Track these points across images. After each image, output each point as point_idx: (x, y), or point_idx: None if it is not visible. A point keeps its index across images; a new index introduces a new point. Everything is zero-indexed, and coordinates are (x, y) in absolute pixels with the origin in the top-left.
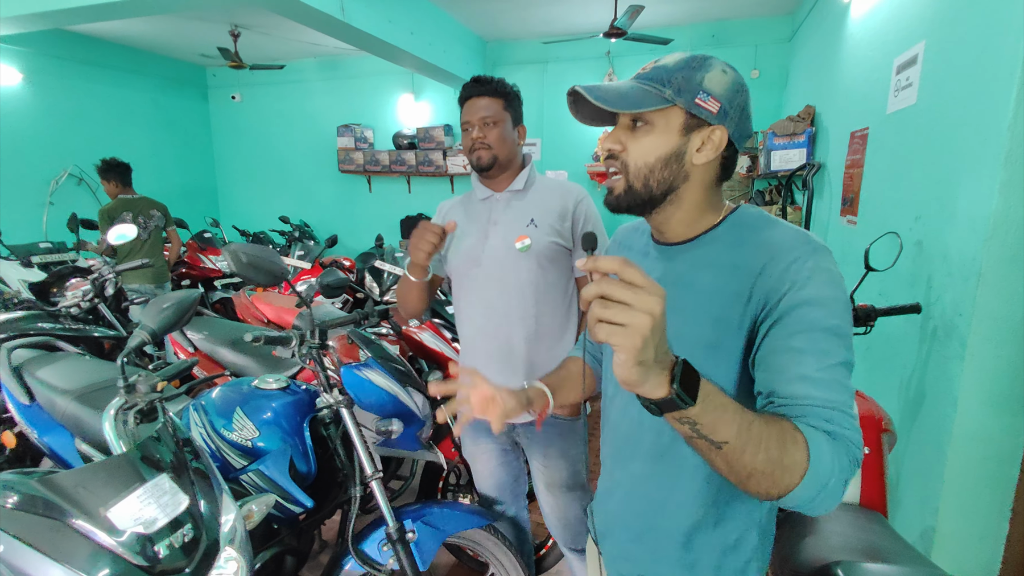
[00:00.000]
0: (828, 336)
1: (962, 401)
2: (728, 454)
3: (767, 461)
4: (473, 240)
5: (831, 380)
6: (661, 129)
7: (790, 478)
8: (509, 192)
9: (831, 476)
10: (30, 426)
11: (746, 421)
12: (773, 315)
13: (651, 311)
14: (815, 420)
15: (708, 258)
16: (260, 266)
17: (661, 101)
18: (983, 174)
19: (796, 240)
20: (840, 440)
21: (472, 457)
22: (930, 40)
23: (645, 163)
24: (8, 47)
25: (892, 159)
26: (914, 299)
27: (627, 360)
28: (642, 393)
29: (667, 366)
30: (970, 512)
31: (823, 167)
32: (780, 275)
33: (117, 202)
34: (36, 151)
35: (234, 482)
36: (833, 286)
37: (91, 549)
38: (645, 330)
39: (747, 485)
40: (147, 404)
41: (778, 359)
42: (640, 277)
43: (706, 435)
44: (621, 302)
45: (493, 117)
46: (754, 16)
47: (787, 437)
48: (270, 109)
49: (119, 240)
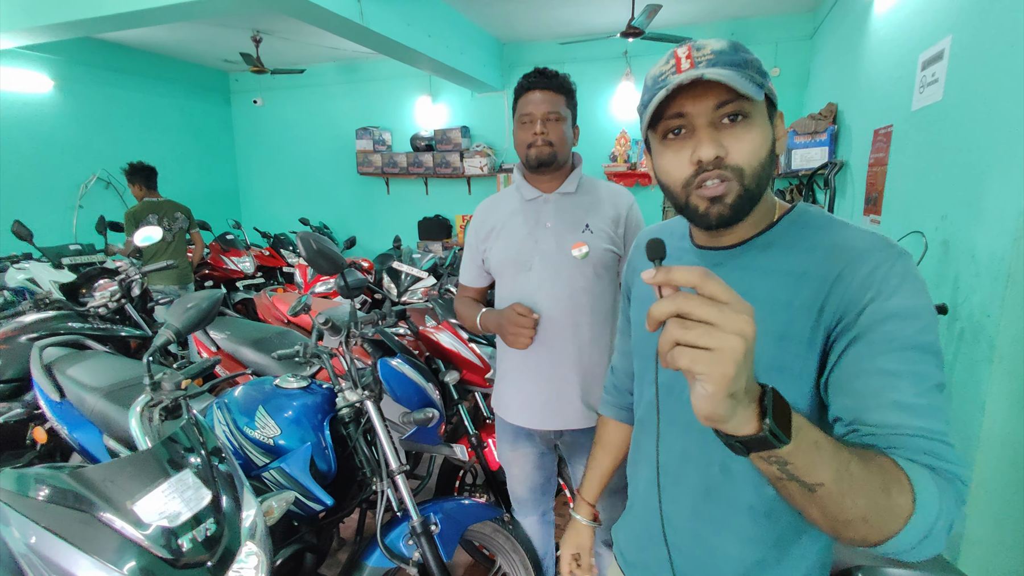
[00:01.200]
0: (923, 355)
1: (990, 405)
2: (824, 498)
3: (869, 506)
4: (521, 242)
5: (929, 406)
6: (760, 121)
7: (893, 524)
8: (559, 194)
9: (938, 519)
10: (60, 422)
11: (845, 462)
12: (853, 330)
13: (742, 332)
14: (913, 453)
15: (765, 264)
16: (327, 254)
17: (758, 89)
18: (1012, 172)
19: (877, 243)
20: (946, 478)
21: (508, 462)
22: (957, 35)
23: (760, 162)
24: (39, 55)
25: (917, 157)
26: (940, 300)
27: (716, 392)
28: (727, 430)
29: (755, 397)
30: (998, 518)
31: (846, 165)
32: (861, 283)
33: (143, 205)
34: (66, 156)
35: (256, 479)
36: (923, 295)
37: (118, 541)
38: (738, 355)
39: (841, 532)
40: (172, 401)
41: (865, 382)
42: (724, 291)
43: (798, 476)
44: (705, 321)
45: (557, 113)
46: (774, 13)
47: (890, 478)
48: (290, 113)
49: (145, 242)
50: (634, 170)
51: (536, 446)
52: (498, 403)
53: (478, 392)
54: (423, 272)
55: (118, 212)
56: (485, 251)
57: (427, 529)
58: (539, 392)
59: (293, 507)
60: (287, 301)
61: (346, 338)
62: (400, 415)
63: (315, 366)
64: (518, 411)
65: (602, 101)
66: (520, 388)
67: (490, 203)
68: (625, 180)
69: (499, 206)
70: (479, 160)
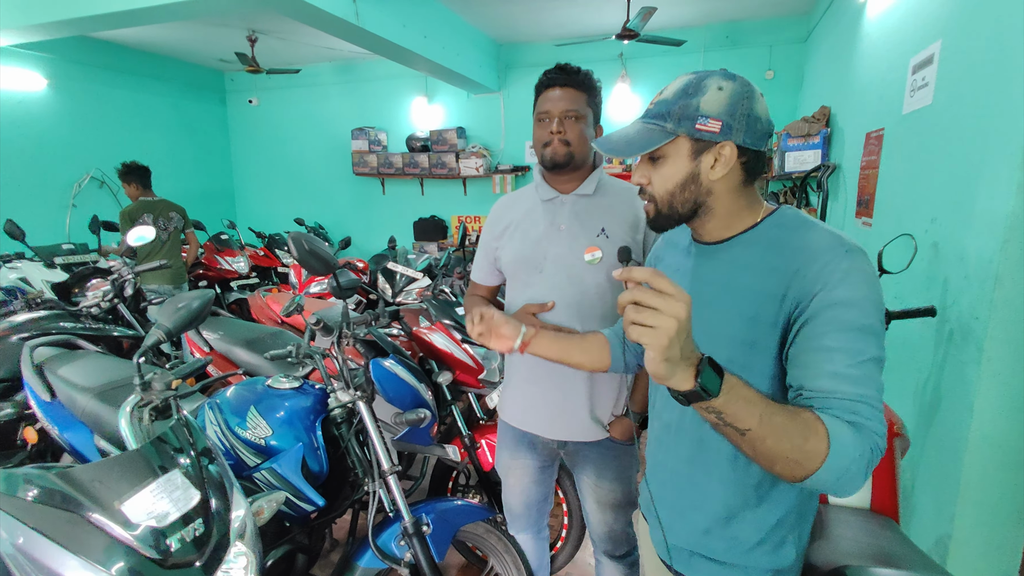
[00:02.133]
0: (860, 334)
1: (978, 406)
2: (752, 440)
3: (790, 448)
4: (534, 243)
5: (859, 376)
6: (673, 159)
7: (811, 463)
8: (576, 195)
9: (851, 462)
10: (51, 422)
11: (768, 412)
12: (806, 314)
13: (677, 315)
14: (841, 412)
15: (746, 259)
16: (318, 255)
17: (665, 136)
18: (1000, 175)
19: (830, 242)
20: (863, 430)
21: (506, 470)
22: (946, 40)
23: (667, 190)
24: (33, 53)
25: (908, 160)
26: (929, 302)
27: (655, 357)
28: (671, 386)
29: (693, 362)
30: (987, 520)
31: (838, 168)
32: (814, 276)
33: (138, 204)
34: (60, 155)
35: (247, 480)
36: (866, 286)
37: (106, 542)
38: (671, 331)
39: (773, 468)
40: (162, 401)
41: (809, 357)
42: (668, 285)
43: (730, 423)
44: (651, 307)
45: (577, 112)
46: (769, 16)
47: (808, 427)
48: (286, 113)
49: (138, 241)
50: (629, 171)
51: (537, 458)
52: (503, 406)
53: (471, 393)
54: (418, 273)
55: (112, 212)
56: (498, 249)
57: (419, 530)
58: (546, 398)
59: (284, 508)
60: (281, 301)
61: (338, 338)
62: (392, 415)
63: (308, 367)
64: (523, 415)
65: None
66: (526, 392)
67: (508, 200)
68: None
69: (516, 204)
70: (475, 161)
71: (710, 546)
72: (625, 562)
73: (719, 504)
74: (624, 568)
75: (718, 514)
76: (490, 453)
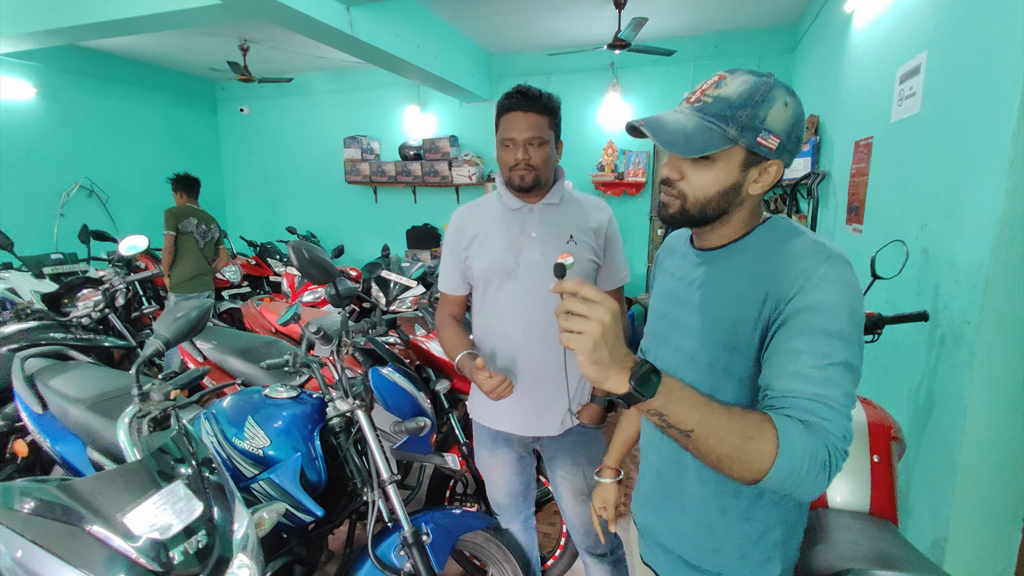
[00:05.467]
0: (828, 338)
1: (971, 409)
2: (696, 441)
3: (731, 447)
4: (504, 251)
5: (821, 377)
6: (722, 166)
7: (758, 463)
8: (544, 204)
9: (803, 463)
10: (43, 435)
11: (708, 412)
12: (781, 317)
13: (601, 319)
14: (796, 412)
15: (737, 265)
16: (318, 263)
17: (725, 142)
18: (988, 181)
19: (811, 249)
20: (815, 429)
21: (488, 468)
22: (932, 50)
23: (705, 196)
24: (22, 62)
25: (897, 168)
26: (921, 307)
27: (584, 361)
28: (608, 389)
29: (627, 365)
30: (982, 521)
31: (828, 176)
32: (791, 281)
33: (184, 207)
34: (48, 164)
35: (245, 491)
36: (841, 292)
37: (107, 554)
38: (596, 335)
39: (720, 469)
40: (161, 412)
41: (777, 358)
42: (594, 293)
43: (673, 424)
44: (579, 315)
45: (540, 137)
46: (757, 27)
47: (753, 427)
48: (278, 121)
49: (130, 251)
50: (621, 179)
51: (514, 450)
52: (474, 408)
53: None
54: (412, 281)
55: (100, 221)
56: (468, 259)
57: (418, 539)
58: (519, 400)
59: (283, 519)
60: (275, 310)
61: (337, 347)
62: (391, 424)
63: (304, 376)
64: (498, 417)
65: (589, 112)
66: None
67: (469, 210)
68: (612, 189)
69: (480, 213)
70: (467, 169)
71: (693, 553)
72: (608, 560)
73: (700, 510)
74: (608, 567)
75: (700, 521)
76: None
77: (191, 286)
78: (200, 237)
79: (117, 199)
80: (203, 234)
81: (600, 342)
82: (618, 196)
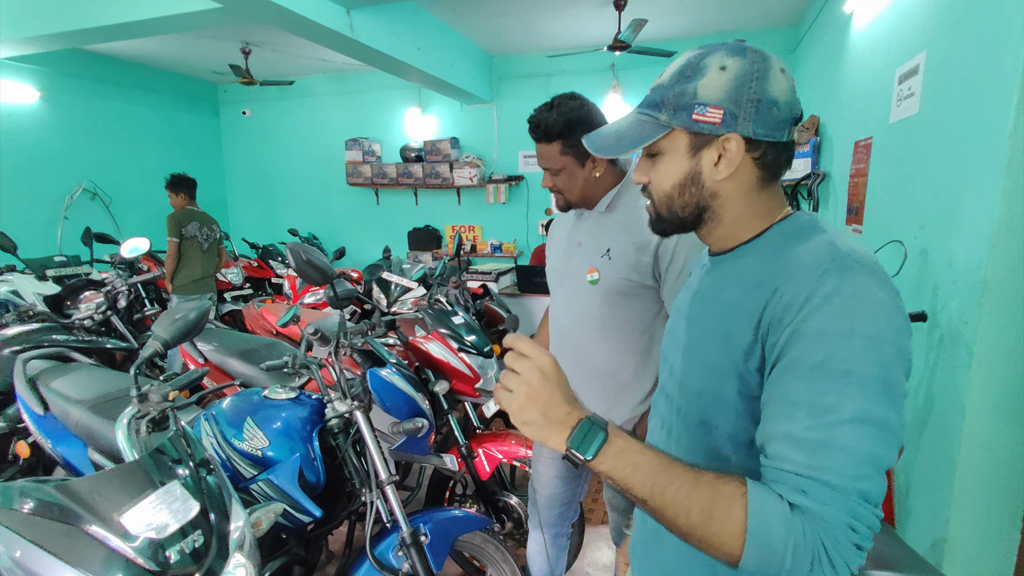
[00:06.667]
0: (831, 384)
1: (970, 410)
2: (651, 511)
3: (689, 525)
4: (558, 258)
5: (819, 441)
6: (669, 156)
7: (725, 546)
8: (597, 212)
9: (785, 554)
10: (44, 436)
11: (663, 483)
12: (777, 348)
13: (529, 380)
14: (785, 490)
15: (738, 271)
16: (316, 265)
17: (658, 129)
18: (986, 182)
19: (821, 254)
20: (804, 515)
21: (537, 454)
22: (931, 50)
23: (664, 192)
24: (25, 66)
25: (896, 168)
26: (920, 307)
27: (514, 420)
28: (551, 446)
29: (568, 424)
30: (981, 522)
31: (828, 176)
32: (790, 300)
33: (185, 211)
34: (51, 167)
35: (244, 491)
36: (855, 316)
37: (105, 554)
38: (522, 396)
39: (686, 542)
40: (159, 413)
41: (770, 409)
42: (528, 347)
43: (623, 490)
44: (513, 371)
45: (553, 166)
46: (757, 28)
47: (718, 505)
48: (280, 124)
49: (132, 253)
50: None
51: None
52: None
53: (468, 402)
54: (413, 282)
55: (104, 224)
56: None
57: (417, 540)
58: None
59: (281, 519)
60: (276, 312)
61: (335, 348)
62: (389, 425)
63: (304, 377)
64: None
65: None
66: None
67: (560, 216)
68: None
69: (564, 218)
70: (468, 171)
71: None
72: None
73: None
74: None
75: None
76: (487, 462)
77: (194, 288)
78: (204, 240)
79: (120, 202)
80: (206, 236)
81: (526, 403)
82: None
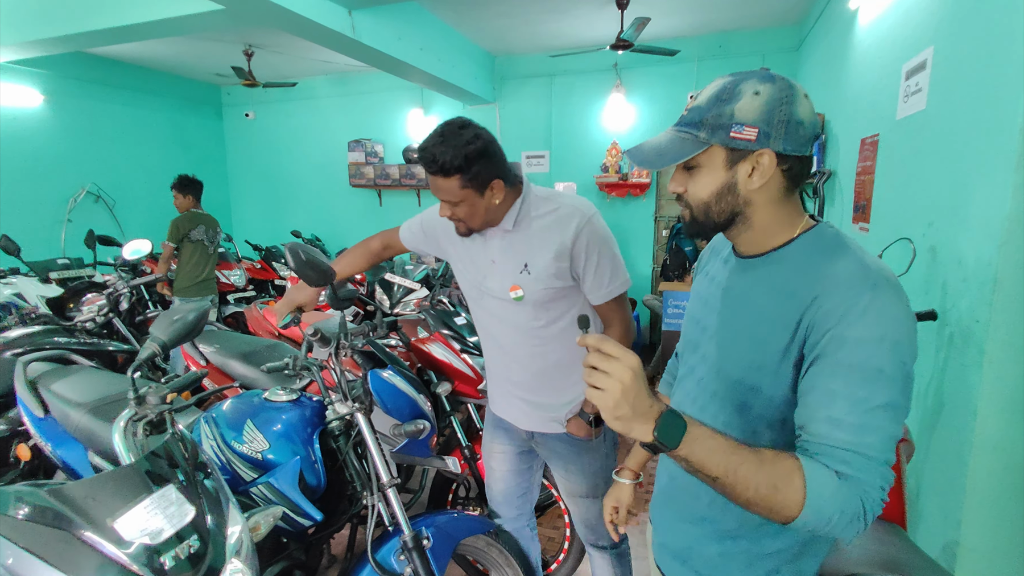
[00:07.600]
0: (866, 380)
1: (982, 410)
2: (722, 488)
3: (758, 495)
4: (473, 274)
5: (859, 424)
6: (707, 169)
7: (787, 511)
8: (501, 230)
9: (834, 513)
10: (44, 439)
11: (735, 462)
12: (816, 349)
13: (622, 378)
14: (831, 460)
15: (771, 278)
16: (315, 265)
17: (698, 145)
18: (995, 178)
19: (856, 273)
20: (850, 482)
21: (488, 453)
22: (938, 45)
23: (702, 200)
24: (29, 69)
25: (903, 165)
26: (929, 306)
27: (607, 415)
28: (635, 437)
29: (652, 416)
30: (993, 524)
31: (834, 174)
32: (829, 310)
33: (189, 215)
34: (55, 169)
35: (244, 495)
36: (885, 326)
37: (98, 561)
38: (617, 393)
39: (747, 509)
40: (157, 415)
41: (812, 397)
42: (614, 349)
43: (697, 471)
44: (602, 371)
45: (452, 198)
46: (761, 27)
47: (781, 477)
48: (282, 126)
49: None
50: (625, 180)
51: (512, 443)
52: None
53: (471, 403)
54: (415, 283)
55: (107, 226)
56: (445, 254)
57: (419, 544)
58: (511, 393)
59: (282, 523)
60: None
61: (336, 349)
62: (391, 427)
63: (305, 379)
64: (495, 402)
65: (593, 112)
66: (497, 384)
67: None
68: (616, 190)
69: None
70: None
71: (699, 559)
72: (612, 553)
73: (708, 516)
74: (612, 558)
75: (708, 527)
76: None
77: (196, 290)
78: (210, 242)
79: (124, 204)
80: (211, 239)
81: (621, 399)
82: (622, 197)
